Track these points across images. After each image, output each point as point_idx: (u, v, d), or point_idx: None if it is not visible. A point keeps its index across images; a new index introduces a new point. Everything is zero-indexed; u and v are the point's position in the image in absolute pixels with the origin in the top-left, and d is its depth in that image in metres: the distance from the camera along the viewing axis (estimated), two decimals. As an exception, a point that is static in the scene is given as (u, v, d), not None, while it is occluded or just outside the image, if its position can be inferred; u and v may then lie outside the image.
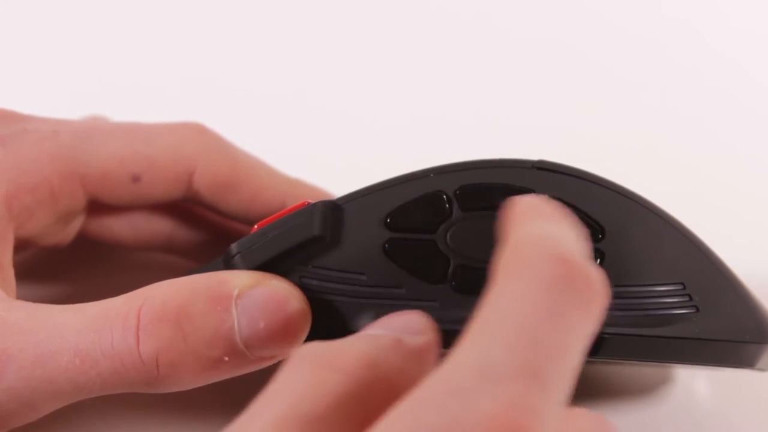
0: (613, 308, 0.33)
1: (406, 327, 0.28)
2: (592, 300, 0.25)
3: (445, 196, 0.34)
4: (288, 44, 0.61)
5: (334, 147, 0.54)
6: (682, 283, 0.33)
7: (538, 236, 0.26)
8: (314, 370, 0.25)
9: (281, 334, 0.32)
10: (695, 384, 0.40)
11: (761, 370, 0.35)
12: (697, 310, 0.33)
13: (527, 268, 0.25)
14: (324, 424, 0.24)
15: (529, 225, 0.26)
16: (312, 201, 0.34)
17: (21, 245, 0.38)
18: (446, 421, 0.22)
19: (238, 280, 0.33)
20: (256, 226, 0.34)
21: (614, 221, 0.34)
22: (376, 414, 0.24)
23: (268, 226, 0.34)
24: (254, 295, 0.32)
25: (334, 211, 0.34)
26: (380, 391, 0.26)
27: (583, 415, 0.26)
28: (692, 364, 0.35)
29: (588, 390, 0.39)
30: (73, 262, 0.44)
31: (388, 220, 0.34)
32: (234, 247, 0.34)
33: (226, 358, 0.32)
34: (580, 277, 0.24)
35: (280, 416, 0.24)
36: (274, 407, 0.24)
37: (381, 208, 0.34)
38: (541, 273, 0.24)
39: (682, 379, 0.40)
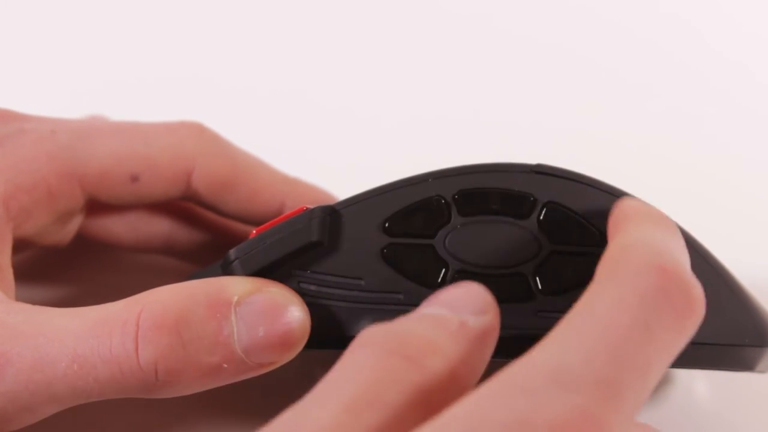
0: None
1: (471, 304, 0.27)
2: (687, 317, 0.24)
3: (443, 201, 0.34)
4: (288, 44, 0.61)
5: (333, 147, 0.54)
6: (681, 287, 0.33)
7: (642, 242, 0.25)
8: (383, 357, 0.25)
9: (280, 341, 0.32)
10: (694, 385, 0.40)
11: (761, 372, 0.35)
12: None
13: (626, 275, 0.24)
14: (394, 413, 0.24)
15: (635, 230, 0.26)
16: (310, 206, 0.34)
17: (19, 245, 0.38)
18: (513, 417, 0.22)
19: (237, 286, 0.33)
20: (254, 232, 0.34)
21: None
22: (440, 402, 0.24)
23: (266, 232, 0.34)
24: (253, 302, 0.32)
25: (332, 216, 0.34)
26: (445, 379, 0.25)
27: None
28: (691, 367, 0.35)
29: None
30: (72, 263, 0.44)
31: (387, 225, 0.33)
32: (232, 252, 0.34)
33: (225, 365, 0.32)
34: (678, 291, 0.24)
35: (352, 400, 0.24)
36: (344, 391, 0.24)
37: (379, 213, 0.34)
38: (639, 282, 0.24)
39: (681, 379, 0.40)
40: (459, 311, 0.27)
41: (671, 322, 0.24)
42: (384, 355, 0.25)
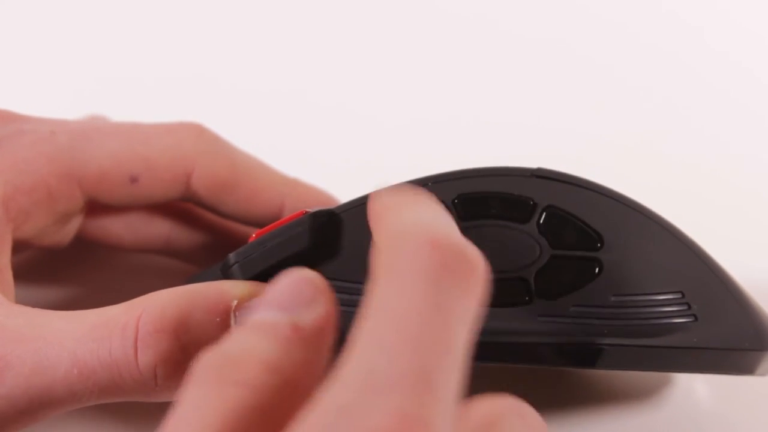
0: (611, 318, 0.33)
1: (299, 297, 0.27)
2: (472, 280, 0.24)
3: (443, 205, 0.33)
4: (288, 44, 0.61)
5: (333, 148, 0.54)
6: (681, 292, 0.33)
7: (406, 225, 0.25)
8: (217, 389, 0.25)
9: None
10: (695, 387, 0.40)
11: (761, 375, 0.35)
12: (696, 318, 0.33)
13: (401, 261, 0.24)
14: None
15: (394, 216, 0.25)
16: (310, 209, 0.34)
17: (19, 247, 0.38)
18: None
19: (237, 290, 0.33)
20: (254, 235, 0.34)
21: (613, 229, 0.34)
22: (285, 415, 0.24)
23: (266, 236, 0.34)
24: (253, 306, 0.32)
25: (332, 220, 0.33)
26: (287, 393, 0.25)
27: (491, 401, 0.25)
28: (691, 372, 0.35)
29: (587, 394, 0.39)
30: (72, 264, 0.44)
31: (386, 229, 0.33)
32: (232, 256, 0.34)
33: None
34: (456, 259, 0.24)
35: None
36: None
37: None
38: (416, 265, 0.24)
39: (681, 382, 0.40)
40: (289, 309, 0.27)
41: (459, 292, 0.24)
42: (218, 386, 0.25)
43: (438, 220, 0.25)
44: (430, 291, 0.23)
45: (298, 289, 0.27)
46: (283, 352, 0.26)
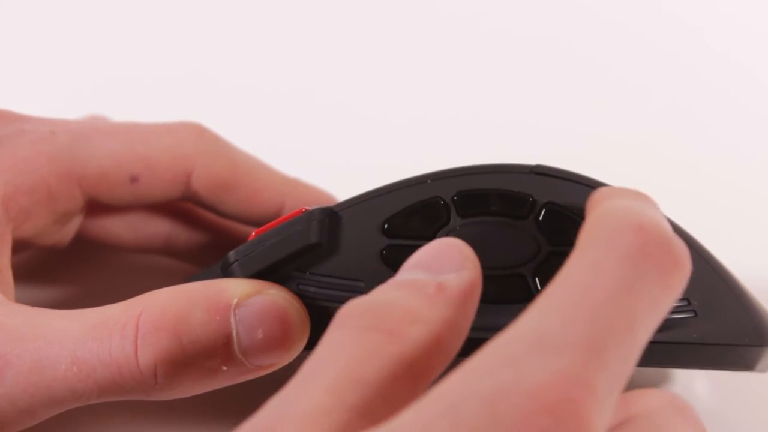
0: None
1: (447, 262, 0.27)
2: (671, 272, 0.24)
3: (442, 203, 0.34)
4: (288, 44, 0.61)
5: (332, 147, 0.54)
6: (681, 288, 0.33)
7: (619, 208, 0.25)
8: (360, 334, 0.25)
9: (279, 343, 0.32)
10: (694, 384, 0.40)
11: (761, 371, 0.35)
12: (696, 314, 0.33)
13: (604, 237, 0.24)
14: (378, 388, 0.24)
15: (611, 200, 0.26)
16: (309, 208, 0.34)
17: (19, 246, 0.38)
18: (496, 388, 0.22)
19: (237, 288, 0.33)
20: (253, 234, 0.34)
21: None
22: (426, 370, 0.24)
23: (265, 234, 0.34)
24: (252, 305, 0.32)
25: (331, 217, 0.33)
26: (427, 346, 0.25)
27: (651, 393, 0.26)
28: (691, 367, 0.35)
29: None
30: (72, 263, 0.44)
31: (386, 227, 0.33)
32: (232, 254, 0.34)
33: (225, 368, 0.32)
34: (660, 248, 0.24)
35: (333, 382, 0.24)
36: (326, 373, 0.24)
37: (378, 215, 0.34)
38: (616, 243, 0.24)
39: (680, 379, 0.40)
40: (436, 271, 0.27)
41: (654, 279, 0.24)
42: (362, 331, 0.25)
43: (652, 212, 0.25)
44: (624, 270, 0.23)
45: (447, 254, 0.27)
46: (428, 307, 0.26)
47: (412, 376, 0.24)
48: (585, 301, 0.23)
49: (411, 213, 0.34)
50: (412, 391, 0.24)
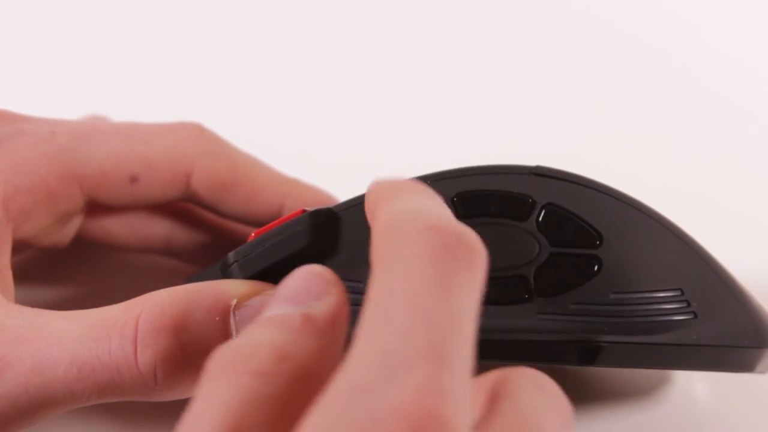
0: (610, 315, 0.33)
1: (309, 290, 0.27)
2: (474, 260, 0.24)
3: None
4: (287, 44, 0.61)
5: (332, 147, 0.54)
6: (680, 289, 0.33)
7: (404, 211, 0.25)
8: (233, 380, 0.25)
9: (279, 344, 0.32)
10: (694, 385, 0.40)
11: (761, 373, 0.35)
12: (696, 316, 0.33)
13: (404, 246, 0.24)
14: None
15: (391, 204, 0.26)
16: (309, 208, 0.34)
17: (19, 247, 0.38)
18: (358, 420, 0.22)
19: (236, 289, 0.33)
20: (253, 234, 0.34)
21: (612, 227, 0.34)
22: (302, 403, 0.24)
23: (265, 235, 0.34)
24: (252, 305, 0.32)
25: (330, 218, 0.34)
26: (300, 379, 0.25)
27: (508, 372, 0.26)
28: (691, 369, 0.35)
29: (586, 392, 0.39)
30: (72, 264, 0.44)
31: (386, 228, 0.33)
32: (231, 255, 0.34)
33: None
34: (457, 242, 0.24)
35: None
36: (204, 428, 0.24)
37: None
38: (419, 248, 0.24)
39: (680, 380, 0.40)
40: (300, 302, 0.27)
41: (463, 271, 0.24)
42: (232, 378, 0.25)
43: (435, 206, 0.26)
44: (435, 272, 0.24)
45: (308, 284, 0.27)
46: (295, 340, 0.26)
47: (290, 414, 0.24)
48: (412, 310, 0.23)
49: (411, 214, 0.33)
50: (290, 425, 0.24)
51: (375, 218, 0.26)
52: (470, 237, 0.25)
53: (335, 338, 0.27)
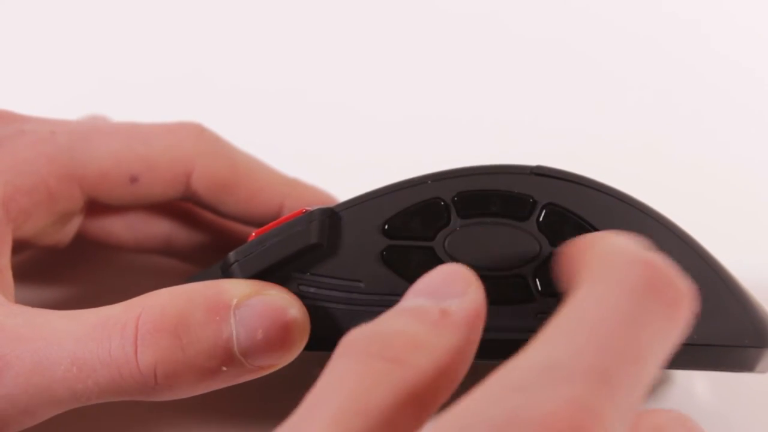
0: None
1: (450, 287, 0.27)
2: (677, 306, 0.24)
3: (442, 203, 0.34)
4: (288, 44, 0.61)
5: (333, 147, 0.54)
6: (681, 289, 0.33)
7: (625, 245, 0.25)
8: (365, 362, 0.25)
9: (279, 344, 0.32)
10: (694, 385, 0.40)
11: (761, 372, 0.35)
12: (695, 315, 0.33)
13: (611, 271, 0.24)
14: (383, 417, 0.24)
15: (609, 239, 0.26)
16: (309, 208, 0.34)
17: (19, 247, 0.38)
18: (506, 415, 0.22)
19: (237, 289, 0.32)
20: (253, 234, 0.34)
21: (612, 226, 0.33)
22: (432, 397, 0.24)
23: (265, 234, 0.34)
24: (252, 305, 0.32)
25: (331, 218, 0.33)
26: (432, 373, 0.25)
27: (660, 412, 0.26)
28: (691, 368, 0.35)
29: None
30: (71, 263, 0.44)
31: (386, 228, 0.33)
32: (232, 255, 0.34)
33: (224, 368, 0.32)
34: (665, 283, 0.24)
35: (338, 412, 0.24)
36: (330, 403, 0.24)
37: (378, 216, 0.34)
38: (625, 276, 0.24)
39: (680, 379, 0.40)
40: (439, 298, 0.27)
41: (661, 313, 0.24)
42: (366, 360, 0.25)
43: (653, 251, 0.26)
44: (631, 302, 0.24)
45: (449, 280, 0.28)
46: (432, 334, 0.26)
47: (418, 405, 0.25)
48: (594, 332, 0.23)
49: (411, 214, 0.34)
50: (418, 419, 0.24)
51: (585, 255, 0.26)
52: (679, 281, 0.25)
53: (471, 338, 0.27)
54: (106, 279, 0.44)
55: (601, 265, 0.25)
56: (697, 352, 0.34)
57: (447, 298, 0.27)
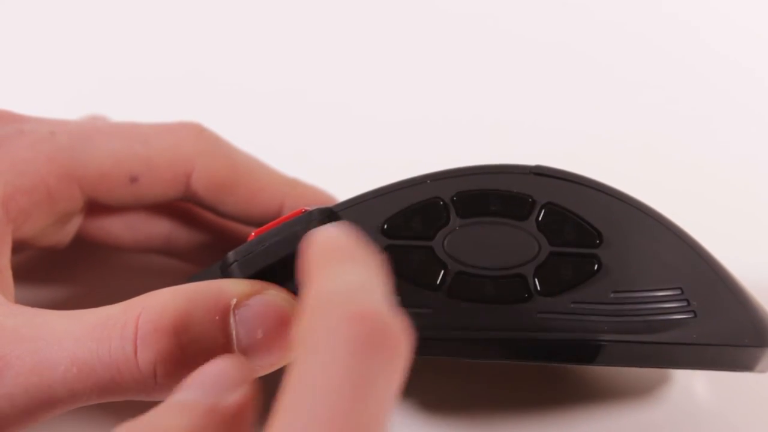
0: (610, 314, 0.33)
1: (222, 382, 0.27)
2: (396, 355, 0.24)
3: (442, 203, 0.34)
4: (288, 44, 0.61)
5: (333, 147, 0.54)
6: (680, 288, 0.33)
7: (332, 293, 0.25)
8: None
9: (279, 344, 0.32)
10: (694, 384, 0.40)
11: (761, 372, 0.35)
12: (695, 314, 0.33)
13: (326, 332, 0.24)
14: None
15: (323, 278, 0.25)
16: (309, 208, 0.34)
17: (18, 247, 0.38)
18: None
19: (236, 289, 0.32)
20: (253, 234, 0.34)
21: (612, 226, 0.34)
22: None
23: (265, 234, 0.34)
24: (252, 305, 0.32)
25: (330, 218, 0.34)
26: None
27: None
28: (690, 368, 0.35)
29: (586, 391, 0.39)
30: (71, 264, 0.44)
31: (385, 227, 0.33)
32: (231, 255, 0.34)
33: None
34: (383, 334, 0.24)
35: None
36: None
37: (378, 215, 0.34)
38: (343, 339, 0.24)
39: (680, 379, 0.40)
40: (210, 392, 0.27)
41: (385, 366, 0.24)
42: None
43: (366, 284, 0.25)
44: (358, 365, 0.24)
45: (222, 374, 0.28)
46: (199, 427, 0.26)
47: None
48: (332, 405, 0.23)
49: (411, 213, 0.34)
50: None
51: (307, 284, 0.26)
52: (396, 330, 0.24)
53: (240, 428, 0.27)
54: (106, 279, 0.44)
55: (318, 329, 0.24)
56: (697, 352, 0.34)
57: (219, 391, 0.27)
